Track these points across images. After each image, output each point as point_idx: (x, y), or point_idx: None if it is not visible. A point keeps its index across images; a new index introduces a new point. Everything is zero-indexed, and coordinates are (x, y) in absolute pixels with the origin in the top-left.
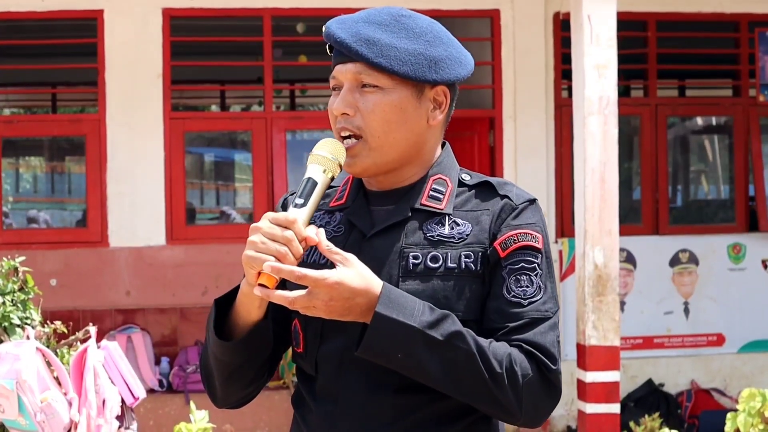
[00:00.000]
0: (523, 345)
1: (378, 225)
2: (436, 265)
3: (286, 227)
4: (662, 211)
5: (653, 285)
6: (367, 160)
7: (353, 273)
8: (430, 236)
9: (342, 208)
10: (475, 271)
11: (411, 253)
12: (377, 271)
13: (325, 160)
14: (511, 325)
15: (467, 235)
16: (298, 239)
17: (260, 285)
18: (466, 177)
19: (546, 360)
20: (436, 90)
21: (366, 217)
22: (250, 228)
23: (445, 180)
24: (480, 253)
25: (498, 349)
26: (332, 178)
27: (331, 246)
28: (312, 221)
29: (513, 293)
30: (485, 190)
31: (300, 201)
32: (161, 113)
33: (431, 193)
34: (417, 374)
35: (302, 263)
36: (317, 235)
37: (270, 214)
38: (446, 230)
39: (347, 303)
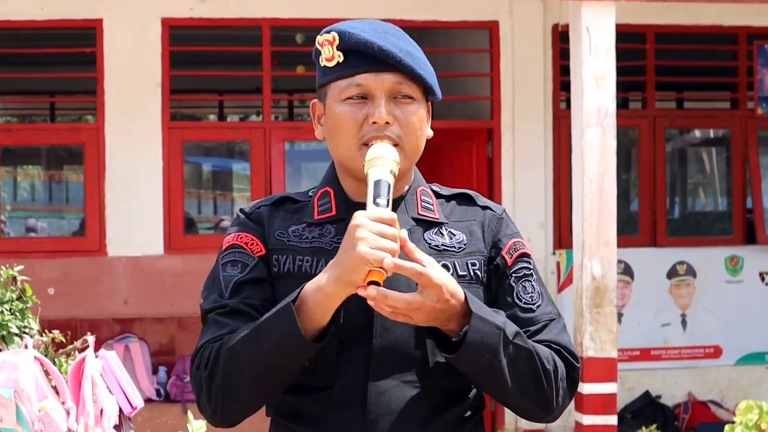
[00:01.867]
0: (552, 345)
1: None
2: (455, 274)
3: (390, 225)
4: (660, 222)
5: (651, 297)
6: (401, 167)
7: (446, 275)
8: (434, 246)
9: (334, 220)
10: (481, 279)
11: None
12: (398, 281)
13: (392, 163)
14: (531, 329)
15: (465, 244)
16: None
17: (372, 283)
18: (437, 189)
19: (571, 358)
20: (428, 105)
21: None
22: (351, 226)
23: (428, 191)
24: (482, 261)
25: (541, 348)
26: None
27: (415, 247)
28: (299, 234)
29: (524, 300)
30: (465, 201)
31: (383, 201)
32: (160, 122)
33: (423, 203)
34: (491, 375)
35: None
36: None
37: (367, 213)
38: (447, 240)
39: (446, 305)
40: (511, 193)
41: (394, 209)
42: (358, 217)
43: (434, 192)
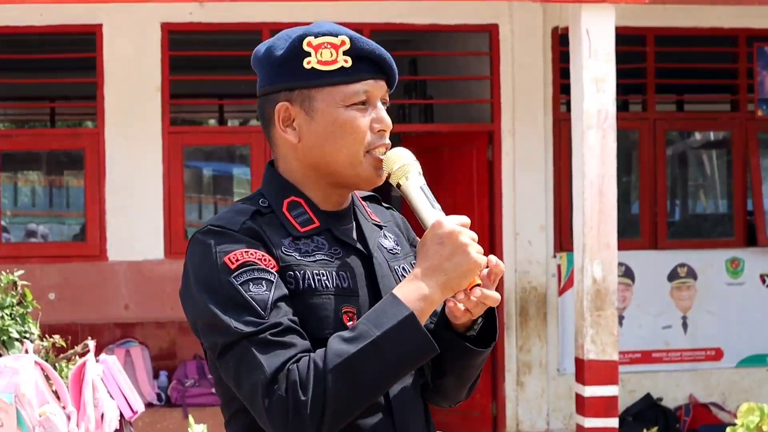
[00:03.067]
0: None
1: (368, 243)
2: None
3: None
4: (661, 225)
5: (651, 299)
6: None
7: None
8: (390, 250)
9: (320, 231)
10: None
11: (395, 267)
12: (389, 287)
13: (419, 167)
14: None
15: (402, 246)
16: None
17: (477, 286)
18: None
19: None
20: None
21: (353, 236)
22: (450, 233)
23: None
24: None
25: None
26: None
27: None
28: (297, 248)
29: None
30: (375, 203)
31: (438, 206)
32: (160, 127)
33: (368, 208)
34: (483, 361)
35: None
36: None
37: (453, 219)
38: (392, 243)
39: None
40: (512, 196)
41: (350, 215)
42: (448, 223)
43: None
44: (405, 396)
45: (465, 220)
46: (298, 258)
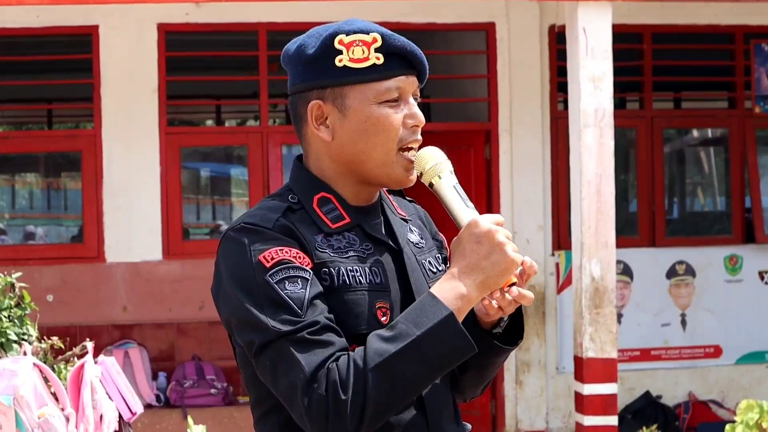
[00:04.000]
0: None
1: (397, 238)
2: (433, 269)
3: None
4: (659, 223)
5: (650, 297)
6: None
7: None
8: (416, 244)
9: (350, 227)
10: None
11: (422, 261)
12: (418, 281)
13: (450, 165)
14: None
15: (426, 240)
16: None
17: (513, 284)
18: None
19: None
20: None
21: (382, 231)
22: (487, 232)
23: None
24: (440, 256)
25: None
26: None
27: None
28: (330, 244)
29: None
30: (399, 196)
31: (471, 204)
32: (157, 128)
33: (394, 202)
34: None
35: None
36: None
37: (489, 217)
38: (416, 237)
39: None
40: (510, 195)
41: (378, 210)
42: (485, 222)
43: None
44: (436, 392)
45: (500, 218)
46: (332, 254)
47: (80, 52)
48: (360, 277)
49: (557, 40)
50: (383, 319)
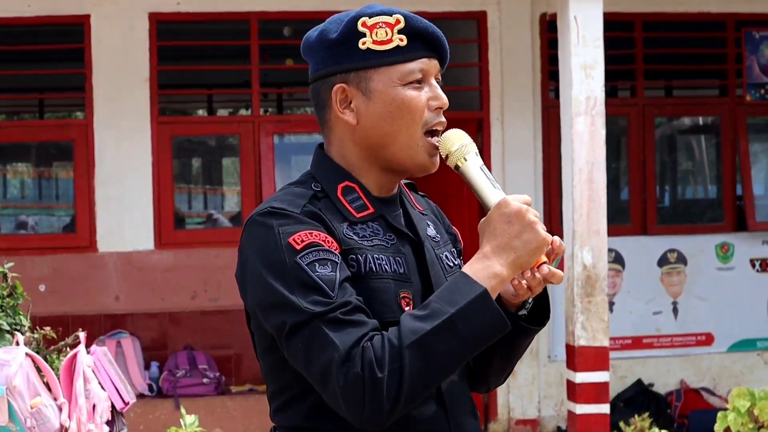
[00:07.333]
0: None
1: (417, 230)
2: (450, 263)
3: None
4: (650, 211)
5: (642, 285)
6: None
7: None
8: (432, 238)
9: (374, 217)
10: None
11: (440, 254)
12: (437, 274)
13: (475, 147)
14: None
15: (441, 234)
16: None
17: (544, 263)
18: None
19: None
20: None
21: (404, 224)
22: (517, 212)
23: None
24: (455, 250)
25: None
26: None
27: None
28: (355, 232)
29: None
30: (413, 189)
31: (498, 185)
32: (149, 118)
33: (412, 196)
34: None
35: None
36: None
37: (518, 197)
38: (433, 231)
39: None
40: (501, 183)
41: (397, 202)
42: (514, 202)
43: None
44: (454, 385)
45: (527, 198)
46: (359, 241)
47: (72, 41)
48: (386, 266)
49: (548, 29)
50: (407, 308)
